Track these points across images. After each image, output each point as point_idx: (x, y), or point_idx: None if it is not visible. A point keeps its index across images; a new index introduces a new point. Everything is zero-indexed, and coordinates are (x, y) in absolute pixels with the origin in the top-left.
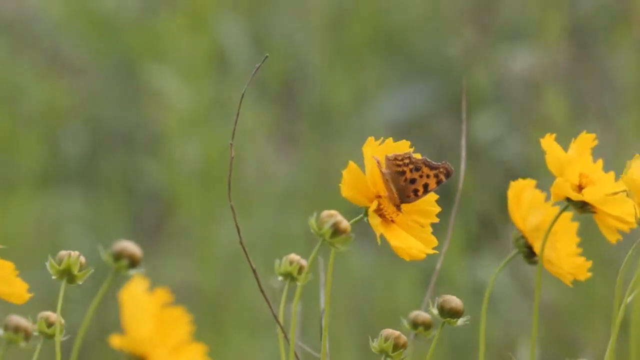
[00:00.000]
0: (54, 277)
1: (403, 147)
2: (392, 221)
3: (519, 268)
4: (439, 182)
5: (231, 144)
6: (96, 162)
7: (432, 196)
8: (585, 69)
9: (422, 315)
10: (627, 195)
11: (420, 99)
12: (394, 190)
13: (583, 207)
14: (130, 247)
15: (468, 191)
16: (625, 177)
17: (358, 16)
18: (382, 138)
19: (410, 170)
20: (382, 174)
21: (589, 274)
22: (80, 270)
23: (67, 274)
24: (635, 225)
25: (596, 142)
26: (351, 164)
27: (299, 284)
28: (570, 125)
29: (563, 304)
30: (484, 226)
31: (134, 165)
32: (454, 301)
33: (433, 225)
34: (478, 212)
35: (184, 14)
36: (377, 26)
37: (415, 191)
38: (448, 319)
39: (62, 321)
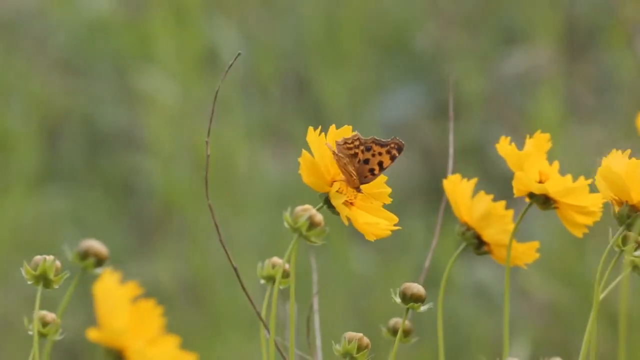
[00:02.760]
0: (29, 283)
1: (346, 133)
2: (352, 204)
3: (516, 267)
4: (392, 158)
5: (207, 142)
6: (92, 161)
7: (382, 178)
8: (579, 70)
9: (400, 321)
10: (599, 186)
11: (416, 99)
12: (354, 172)
13: (545, 202)
14: (96, 245)
15: None
16: (601, 167)
17: (352, 16)
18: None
19: (362, 152)
20: (337, 158)
21: (537, 255)
22: (56, 275)
23: (43, 279)
24: (599, 217)
25: (550, 144)
26: (304, 152)
27: (281, 287)
28: (564, 125)
29: (559, 304)
30: None
31: (130, 165)
32: (415, 287)
33: (431, 227)
34: None
35: (174, 14)
36: (372, 26)
37: (372, 170)
38: (411, 304)
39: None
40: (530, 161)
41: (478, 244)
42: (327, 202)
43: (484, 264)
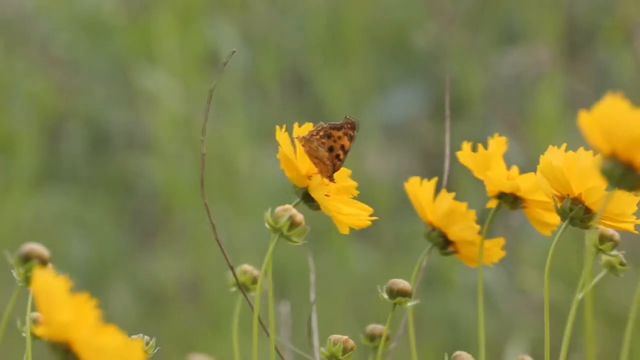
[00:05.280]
0: (20, 285)
1: (309, 128)
2: (328, 197)
3: (515, 266)
4: (351, 139)
5: (202, 140)
6: (93, 161)
7: (345, 172)
8: (578, 69)
9: (378, 328)
10: (542, 184)
11: (416, 99)
12: (326, 161)
13: (514, 202)
14: (38, 248)
15: (463, 192)
16: (540, 164)
17: (353, 16)
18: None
19: (325, 140)
20: (308, 148)
21: (503, 253)
22: None
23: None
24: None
25: (506, 147)
26: (280, 148)
27: (253, 294)
28: (564, 124)
29: (558, 303)
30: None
31: (131, 165)
32: (402, 283)
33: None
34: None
35: (177, 13)
36: (373, 26)
37: (337, 156)
38: (399, 298)
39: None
40: (496, 160)
41: (444, 243)
42: (305, 196)
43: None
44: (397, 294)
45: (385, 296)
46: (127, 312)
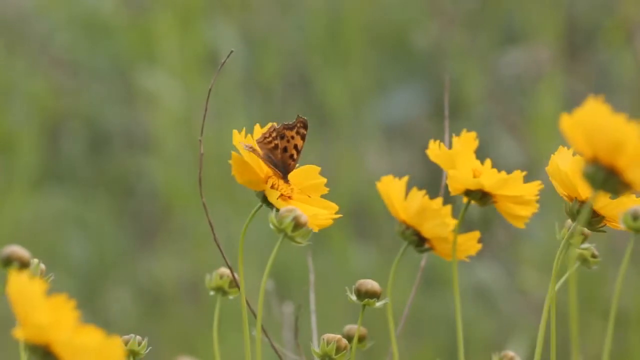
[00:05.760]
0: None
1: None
2: (290, 198)
3: (515, 266)
4: (303, 137)
5: (200, 140)
6: (94, 161)
7: (315, 169)
8: (578, 69)
9: (354, 328)
10: (553, 184)
11: (417, 99)
12: (276, 165)
13: (483, 198)
14: (18, 250)
15: None
16: (548, 166)
17: (354, 16)
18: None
19: (279, 141)
20: (257, 154)
21: (479, 246)
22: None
23: None
24: (536, 207)
25: (477, 142)
26: (233, 153)
27: (231, 297)
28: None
29: (558, 303)
30: (481, 227)
31: (131, 165)
32: (369, 283)
33: None
34: (474, 213)
35: (177, 13)
36: (373, 26)
37: (291, 156)
38: (367, 300)
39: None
40: (462, 158)
41: (419, 241)
42: (265, 199)
43: (483, 264)
44: (364, 295)
45: (354, 297)
46: (127, 312)
